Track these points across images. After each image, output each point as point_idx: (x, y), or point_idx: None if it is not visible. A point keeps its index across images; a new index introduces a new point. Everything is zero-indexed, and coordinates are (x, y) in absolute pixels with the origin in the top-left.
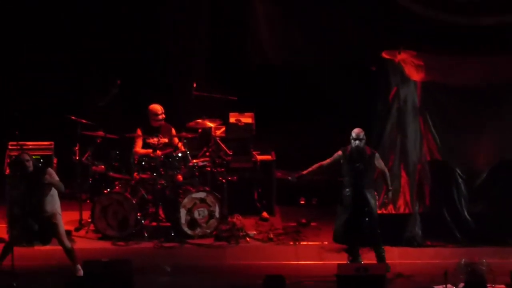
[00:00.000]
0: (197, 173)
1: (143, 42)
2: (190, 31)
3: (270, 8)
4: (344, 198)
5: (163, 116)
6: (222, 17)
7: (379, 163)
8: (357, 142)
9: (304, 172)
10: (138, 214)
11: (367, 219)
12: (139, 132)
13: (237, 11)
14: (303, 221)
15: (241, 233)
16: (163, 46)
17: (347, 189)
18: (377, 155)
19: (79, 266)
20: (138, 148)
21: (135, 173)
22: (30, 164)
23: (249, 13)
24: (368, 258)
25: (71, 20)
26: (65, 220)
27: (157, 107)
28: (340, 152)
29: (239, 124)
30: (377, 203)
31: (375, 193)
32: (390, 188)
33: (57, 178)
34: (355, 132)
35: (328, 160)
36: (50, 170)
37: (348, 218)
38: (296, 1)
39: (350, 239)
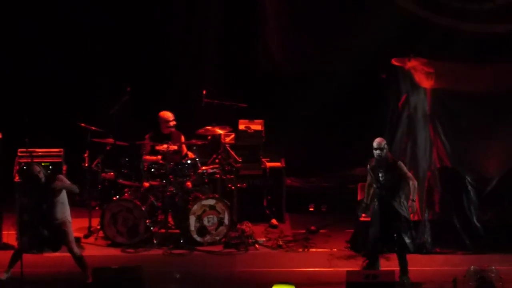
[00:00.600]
0: (206, 180)
1: (153, 49)
2: (201, 38)
3: (280, 15)
4: (373, 208)
5: (174, 123)
6: (233, 24)
7: (403, 171)
8: (378, 151)
9: (365, 200)
10: (148, 221)
11: (394, 229)
12: (147, 139)
13: (248, 18)
14: (313, 228)
15: (250, 240)
16: (173, 53)
17: (375, 199)
18: (399, 163)
19: (89, 273)
20: (146, 154)
21: (145, 180)
22: (41, 176)
23: (260, 21)
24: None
25: (82, 27)
26: (74, 227)
27: (168, 114)
28: (368, 166)
29: (249, 131)
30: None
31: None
32: (412, 198)
33: (68, 182)
34: (376, 141)
35: (368, 178)
36: (60, 176)
37: (376, 229)
38: (306, 8)
39: (375, 247)
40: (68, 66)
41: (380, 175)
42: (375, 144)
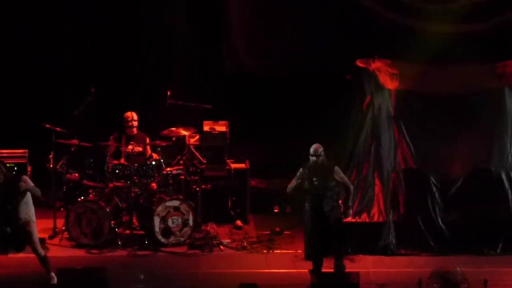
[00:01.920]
0: (171, 181)
1: (118, 50)
2: (166, 39)
3: (246, 16)
4: (305, 213)
5: (135, 123)
6: (199, 25)
7: (339, 176)
8: (314, 158)
9: (288, 191)
10: (112, 222)
11: (327, 231)
12: (111, 140)
13: (214, 19)
14: (277, 229)
15: (214, 241)
16: (138, 54)
17: (306, 204)
18: (336, 168)
19: (53, 274)
20: (110, 155)
21: (109, 181)
22: (1, 176)
23: (226, 22)
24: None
25: (45, 27)
26: (39, 227)
27: (128, 114)
28: (301, 169)
29: (213, 132)
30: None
31: (340, 201)
32: (349, 205)
33: (32, 184)
34: (313, 148)
35: (293, 181)
36: (24, 177)
37: (310, 233)
38: (272, 10)
39: (315, 256)
40: (32, 67)
41: (314, 179)
42: (312, 151)
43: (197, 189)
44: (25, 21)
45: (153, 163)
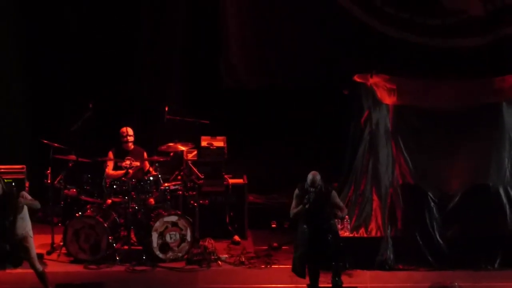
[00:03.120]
0: (168, 197)
1: (116, 65)
2: (164, 54)
3: (243, 31)
4: (301, 233)
5: (131, 138)
6: (196, 40)
7: (334, 200)
8: (312, 189)
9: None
10: (110, 237)
11: (325, 246)
12: (110, 155)
13: (211, 34)
14: (275, 244)
15: (212, 257)
16: (136, 70)
17: (304, 226)
18: (333, 193)
19: None
20: (109, 170)
21: (107, 197)
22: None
23: (223, 37)
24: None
25: (43, 42)
26: (37, 243)
27: (123, 129)
28: (297, 190)
29: (211, 147)
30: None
31: (337, 220)
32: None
33: (30, 197)
34: (311, 179)
35: (294, 206)
36: (23, 192)
37: (305, 250)
38: (269, 24)
39: (310, 271)
40: (30, 82)
41: (312, 202)
42: (309, 182)
43: (195, 204)
44: (23, 34)
45: (151, 178)
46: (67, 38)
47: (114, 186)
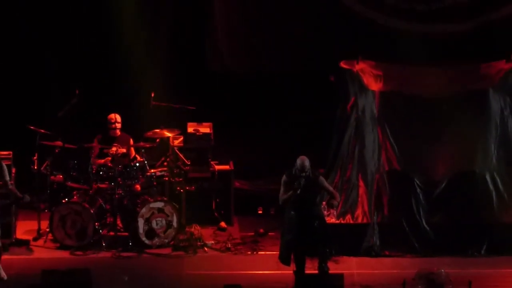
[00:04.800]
0: (155, 183)
1: (102, 51)
2: (150, 40)
3: (229, 16)
4: (288, 219)
5: (118, 125)
6: (182, 25)
7: (323, 185)
8: (302, 174)
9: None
10: (96, 224)
11: (312, 233)
12: (96, 141)
13: (197, 20)
14: (261, 231)
15: (199, 243)
16: (122, 56)
17: (292, 212)
18: (321, 179)
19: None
20: (94, 156)
21: (93, 183)
22: None
23: (209, 22)
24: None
25: (30, 29)
26: (23, 229)
27: (111, 116)
28: (284, 177)
29: (197, 134)
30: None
31: (324, 203)
32: (334, 205)
33: None
34: (300, 164)
35: (282, 192)
36: None
37: (292, 237)
38: (255, 9)
39: (297, 257)
40: (16, 68)
41: (299, 190)
42: (299, 167)
43: (181, 190)
44: (9, 22)
45: (137, 164)
46: (53, 24)
47: (101, 172)
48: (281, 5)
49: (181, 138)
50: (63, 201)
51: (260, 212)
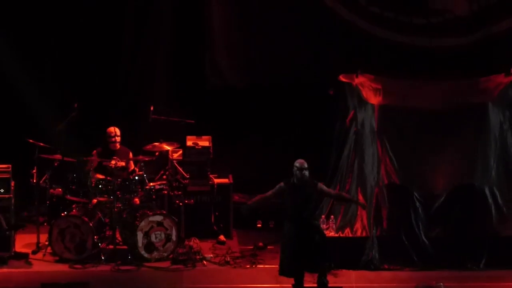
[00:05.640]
0: (154, 196)
1: (101, 65)
2: (149, 54)
3: (228, 30)
4: (287, 230)
5: (118, 138)
6: (181, 40)
7: (323, 191)
8: (303, 171)
9: (249, 202)
10: (95, 237)
11: (313, 247)
12: (95, 154)
13: (196, 34)
14: (260, 244)
15: (198, 256)
16: (121, 69)
17: (289, 222)
18: (319, 185)
19: None
20: (94, 171)
21: (92, 196)
22: None
23: (208, 37)
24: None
25: (28, 41)
26: (22, 242)
27: (111, 129)
28: (282, 184)
29: (196, 147)
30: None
31: (323, 216)
32: (354, 199)
33: None
34: (299, 163)
35: (269, 192)
36: None
37: (293, 250)
38: (254, 24)
39: (297, 271)
40: (16, 82)
41: (298, 196)
42: (298, 165)
43: (180, 204)
44: (7, 34)
45: (136, 178)
46: (52, 37)
47: (100, 186)
48: (280, 20)
49: (180, 152)
50: (62, 214)
51: (259, 225)
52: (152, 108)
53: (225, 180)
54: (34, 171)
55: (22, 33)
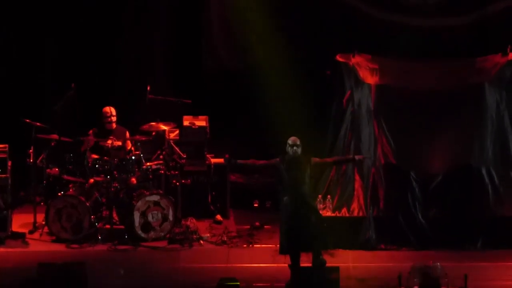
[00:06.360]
0: (151, 176)
1: (98, 45)
2: (146, 34)
3: (225, 12)
4: (283, 207)
5: (113, 118)
6: (180, 21)
7: (318, 162)
8: (294, 148)
9: (239, 161)
10: (92, 217)
11: (310, 225)
12: (91, 134)
13: (193, 15)
14: (257, 224)
15: (194, 236)
16: (118, 49)
17: (285, 197)
18: (313, 159)
19: None
20: (90, 151)
21: (89, 176)
22: None
23: (205, 18)
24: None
25: (26, 21)
26: (19, 222)
27: (106, 109)
28: (278, 159)
29: (193, 127)
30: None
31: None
32: (351, 157)
33: None
34: (292, 139)
35: (263, 161)
36: None
37: (290, 227)
38: (250, 4)
39: (295, 247)
40: (13, 62)
41: (294, 172)
42: (290, 142)
43: (177, 184)
44: (5, 16)
45: (133, 158)
46: (50, 17)
47: (96, 166)
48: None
49: (177, 132)
50: (59, 194)
51: (256, 205)
52: (148, 88)
53: (222, 160)
54: (31, 151)
55: (19, 12)
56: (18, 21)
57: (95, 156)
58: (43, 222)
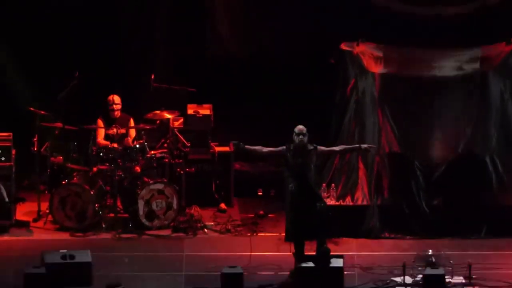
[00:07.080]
0: (155, 165)
1: (102, 33)
2: (150, 21)
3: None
4: (289, 194)
5: (117, 106)
6: (183, 7)
7: (325, 151)
8: (300, 136)
9: (246, 146)
10: (96, 205)
11: (315, 212)
12: (100, 122)
13: (198, 2)
14: (261, 212)
15: (199, 224)
16: (122, 37)
17: (291, 185)
18: (318, 148)
19: None
20: (101, 138)
21: (93, 165)
22: None
23: (210, 4)
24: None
25: (29, 11)
26: (23, 211)
27: (110, 98)
28: (285, 147)
29: (198, 115)
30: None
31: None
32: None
33: None
34: (298, 128)
35: (270, 148)
36: None
37: (295, 214)
38: None
39: (300, 235)
40: (16, 50)
41: (299, 160)
42: (296, 130)
43: (181, 172)
44: (9, 6)
45: (137, 146)
46: (53, 5)
47: (101, 154)
48: None
49: (181, 120)
50: (63, 182)
51: (260, 193)
52: (153, 76)
53: (226, 149)
54: (35, 139)
55: (21, 1)
56: (21, 10)
57: (105, 143)
58: (47, 211)
